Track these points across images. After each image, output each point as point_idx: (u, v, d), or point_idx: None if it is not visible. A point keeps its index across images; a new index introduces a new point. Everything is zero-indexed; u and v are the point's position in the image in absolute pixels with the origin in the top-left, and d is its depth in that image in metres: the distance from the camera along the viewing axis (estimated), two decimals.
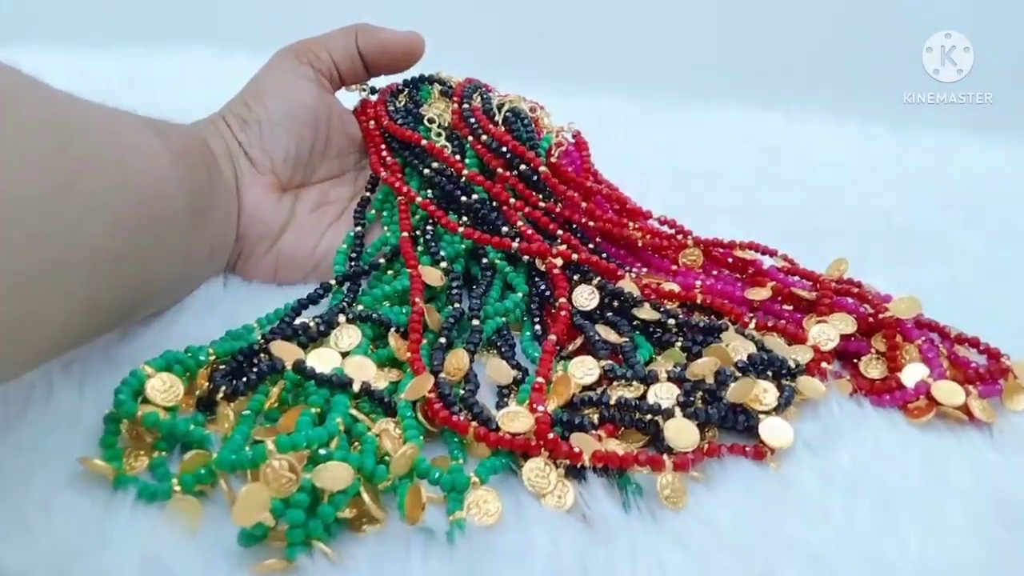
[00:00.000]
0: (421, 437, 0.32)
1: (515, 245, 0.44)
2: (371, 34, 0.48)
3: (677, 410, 0.34)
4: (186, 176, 0.37)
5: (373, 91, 0.53)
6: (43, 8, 0.98)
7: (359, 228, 0.46)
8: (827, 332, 0.40)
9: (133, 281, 0.33)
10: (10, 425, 0.31)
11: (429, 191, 0.48)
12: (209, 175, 0.40)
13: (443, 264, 0.44)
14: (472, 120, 0.48)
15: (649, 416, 0.34)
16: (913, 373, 0.38)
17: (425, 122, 0.50)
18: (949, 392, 0.36)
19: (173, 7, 1.00)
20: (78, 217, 0.28)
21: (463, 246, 0.45)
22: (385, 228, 0.47)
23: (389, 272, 0.45)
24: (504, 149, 0.48)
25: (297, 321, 0.38)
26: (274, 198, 0.45)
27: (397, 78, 0.53)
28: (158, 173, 0.34)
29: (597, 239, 0.47)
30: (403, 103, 0.51)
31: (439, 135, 0.50)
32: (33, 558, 0.26)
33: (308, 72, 0.46)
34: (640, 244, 0.47)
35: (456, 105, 0.50)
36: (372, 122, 0.50)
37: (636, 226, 0.47)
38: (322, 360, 0.36)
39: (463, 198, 0.46)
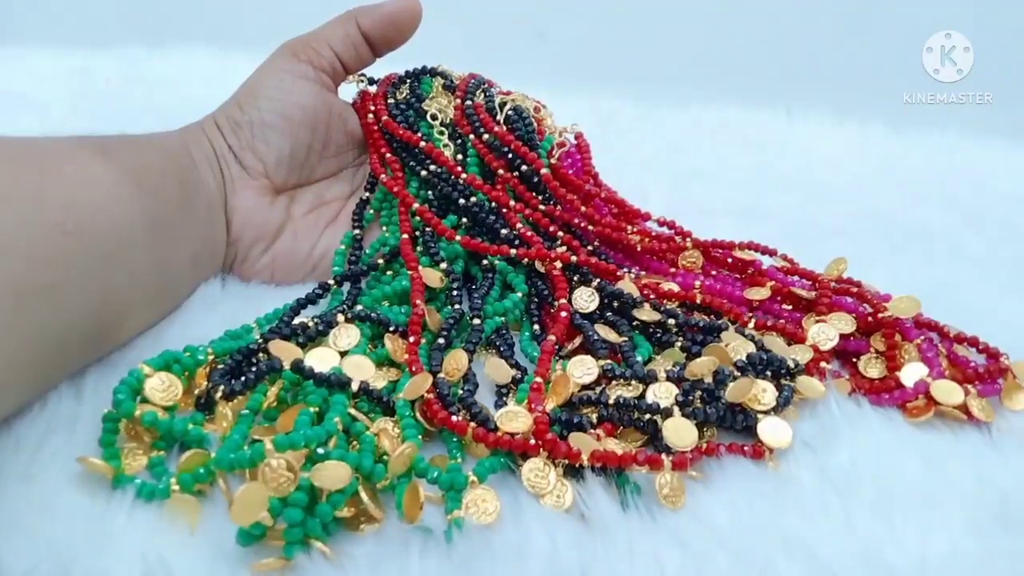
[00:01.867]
0: (419, 436, 0.32)
1: (513, 252, 0.44)
2: (372, 13, 0.47)
3: (676, 409, 0.34)
4: (139, 194, 0.36)
5: (372, 81, 0.52)
6: (43, 8, 0.98)
7: (357, 231, 0.46)
8: (826, 332, 0.40)
9: (85, 307, 0.33)
10: (10, 425, 0.31)
11: (429, 192, 0.48)
12: (182, 186, 0.40)
13: (443, 265, 0.44)
14: (475, 118, 0.48)
15: (648, 415, 0.34)
16: (912, 372, 0.38)
17: (428, 118, 0.50)
18: (948, 391, 0.36)
19: (173, 7, 1.00)
20: None
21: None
22: (384, 228, 0.47)
23: (388, 272, 0.45)
24: (506, 149, 0.47)
25: (296, 321, 0.38)
26: (267, 201, 0.45)
27: (399, 68, 0.52)
28: (94, 198, 0.34)
29: (596, 242, 0.47)
30: (404, 95, 0.51)
31: (441, 133, 0.50)
32: (34, 557, 0.26)
33: (307, 71, 0.45)
34: (639, 249, 0.47)
35: (459, 101, 0.50)
36: (371, 115, 0.49)
37: (634, 230, 0.47)
38: (321, 359, 0.36)
39: (461, 200, 0.46)
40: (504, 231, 0.45)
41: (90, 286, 0.33)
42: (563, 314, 0.41)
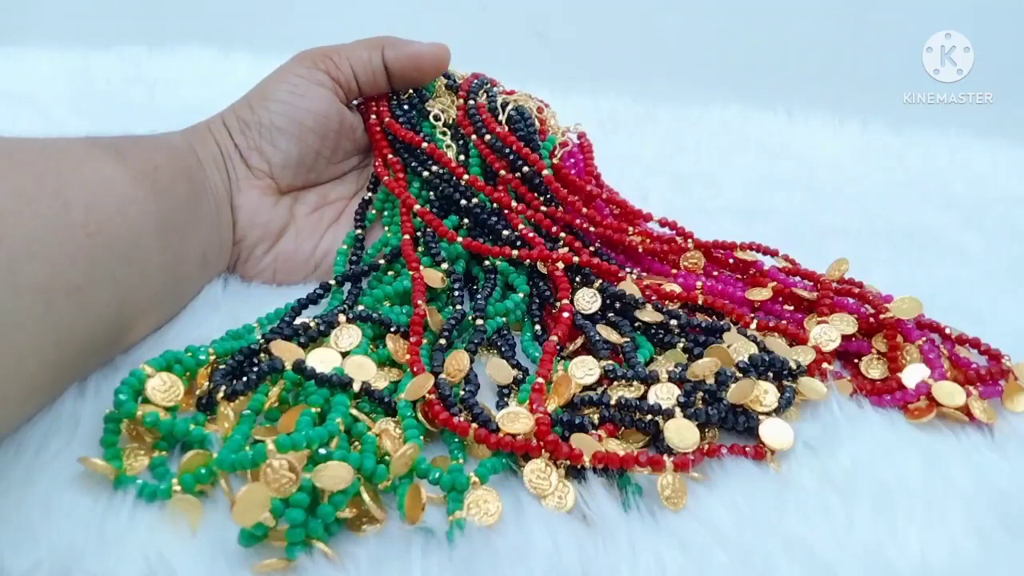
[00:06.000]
0: (421, 437, 0.32)
1: (515, 253, 0.44)
2: (399, 48, 0.47)
3: (677, 410, 0.34)
4: (152, 195, 0.36)
5: None
6: (43, 8, 0.98)
7: (359, 231, 0.46)
8: (828, 332, 0.40)
9: (106, 308, 0.33)
10: None
11: (430, 193, 0.48)
12: (191, 186, 0.40)
13: (444, 265, 0.44)
14: (477, 118, 0.48)
15: (649, 416, 0.34)
16: (914, 374, 0.38)
17: (430, 118, 0.50)
18: (950, 393, 0.36)
19: (173, 7, 1.00)
20: (10, 259, 0.28)
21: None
22: (386, 228, 0.47)
23: (389, 273, 0.45)
24: (508, 150, 0.47)
25: (297, 321, 0.38)
26: (271, 201, 0.45)
27: None
28: (113, 199, 0.34)
29: (598, 243, 0.47)
30: (407, 95, 0.51)
31: (444, 133, 0.50)
32: (35, 557, 0.26)
33: (323, 78, 0.45)
34: (641, 250, 0.47)
35: (462, 101, 0.50)
36: (374, 116, 0.49)
37: (636, 231, 0.47)
38: (322, 360, 0.36)
39: (463, 202, 0.46)
40: (506, 232, 0.45)
41: (110, 287, 0.33)
42: (565, 315, 0.41)
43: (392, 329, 0.39)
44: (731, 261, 0.47)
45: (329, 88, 0.45)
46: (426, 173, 0.47)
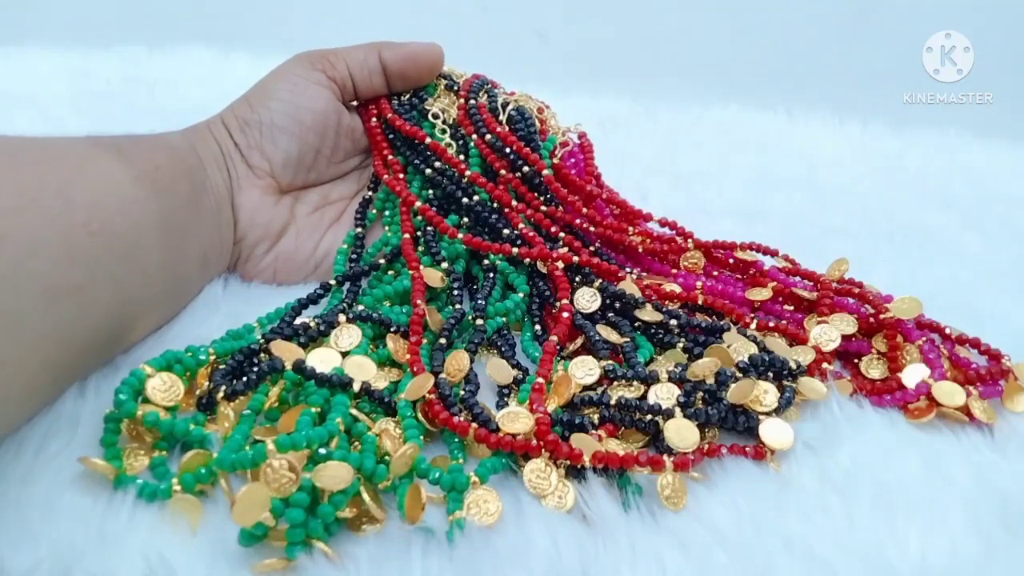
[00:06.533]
0: (421, 437, 0.32)
1: (515, 251, 0.44)
2: (395, 48, 0.47)
3: (677, 410, 0.34)
4: (154, 195, 0.36)
5: None
6: (43, 8, 0.98)
7: (360, 230, 0.46)
8: (828, 332, 0.40)
9: (107, 307, 0.33)
10: None
11: (431, 191, 0.48)
12: (192, 186, 0.40)
13: (444, 264, 0.44)
14: (477, 117, 0.48)
15: (649, 416, 0.34)
16: (914, 374, 0.38)
17: (430, 117, 0.50)
18: (950, 393, 0.36)
19: (173, 7, 1.00)
20: (14, 259, 0.28)
21: (463, 246, 0.45)
22: (386, 228, 0.47)
23: (389, 272, 0.45)
24: (508, 150, 0.47)
25: (297, 321, 0.38)
26: (272, 201, 0.45)
27: None
28: (115, 199, 0.34)
29: (598, 243, 0.47)
30: (407, 97, 0.51)
31: (443, 132, 0.50)
32: (35, 557, 0.26)
33: (320, 78, 0.46)
34: (641, 250, 0.47)
35: (463, 101, 0.50)
36: (375, 119, 0.49)
37: (636, 231, 0.47)
38: (322, 360, 0.36)
39: (464, 199, 0.46)
40: (506, 231, 0.45)
41: (111, 287, 0.33)
42: (565, 314, 0.41)
43: (392, 329, 0.39)
44: (731, 261, 0.47)
45: (326, 87, 0.46)
46: (428, 170, 0.47)
